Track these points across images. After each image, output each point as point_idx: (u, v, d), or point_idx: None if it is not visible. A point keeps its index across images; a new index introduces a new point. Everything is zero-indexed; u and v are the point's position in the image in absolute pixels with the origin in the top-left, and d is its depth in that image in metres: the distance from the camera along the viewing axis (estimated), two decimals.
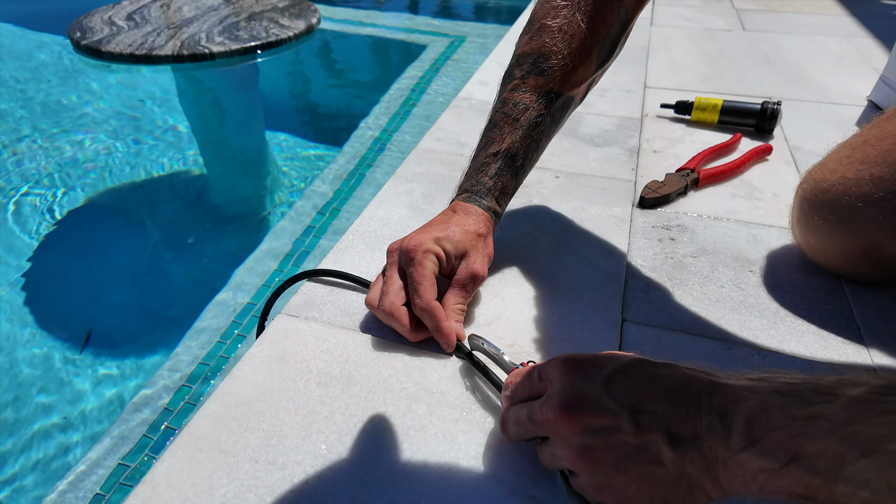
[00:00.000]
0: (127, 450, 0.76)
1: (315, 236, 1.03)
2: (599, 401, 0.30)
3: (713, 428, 0.27)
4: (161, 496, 0.36)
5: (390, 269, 0.48)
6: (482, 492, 0.36)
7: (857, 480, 0.22)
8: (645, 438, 0.29)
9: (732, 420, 0.26)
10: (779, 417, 0.25)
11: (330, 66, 2.03)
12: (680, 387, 0.29)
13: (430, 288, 0.45)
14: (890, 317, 0.51)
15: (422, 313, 0.45)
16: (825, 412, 0.23)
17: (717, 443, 0.26)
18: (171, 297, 1.06)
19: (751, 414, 0.25)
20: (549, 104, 0.50)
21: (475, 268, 0.47)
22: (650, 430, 0.29)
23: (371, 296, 0.48)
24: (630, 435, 0.29)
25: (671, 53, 1.17)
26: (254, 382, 0.44)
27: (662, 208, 0.67)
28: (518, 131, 0.50)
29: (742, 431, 0.25)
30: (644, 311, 0.52)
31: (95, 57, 1.78)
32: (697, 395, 0.28)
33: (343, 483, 0.37)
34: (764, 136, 0.82)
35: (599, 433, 0.30)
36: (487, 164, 0.50)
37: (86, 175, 1.33)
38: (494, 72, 1.07)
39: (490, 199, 0.50)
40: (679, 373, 0.30)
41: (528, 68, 0.50)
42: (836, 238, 0.51)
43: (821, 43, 1.21)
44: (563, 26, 0.49)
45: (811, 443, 0.23)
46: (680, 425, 0.28)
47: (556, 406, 0.32)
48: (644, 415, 0.29)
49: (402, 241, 0.47)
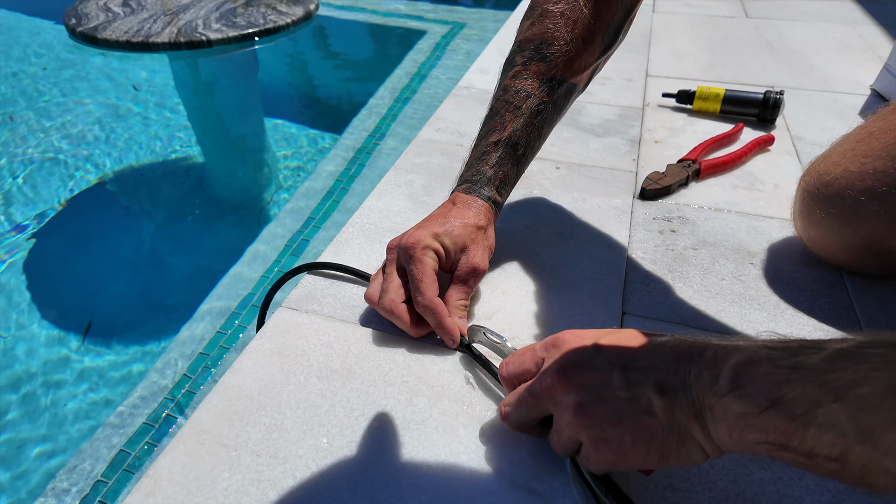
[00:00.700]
0: (128, 437, 0.77)
1: (315, 226, 1.03)
2: (591, 361, 0.32)
3: (701, 376, 0.28)
4: (164, 490, 0.36)
5: (390, 267, 0.47)
6: (483, 485, 0.37)
7: (827, 423, 0.23)
8: (635, 391, 0.30)
9: (721, 368, 0.27)
10: (765, 366, 0.25)
11: (329, 52, 2.01)
12: (671, 346, 0.30)
13: (431, 285, 0.45)
14: (891, 309, 0.51)
15: (424, 311, 0.45)
16: (808, 362, 0.24)
17: (704, 389, 0.27)
18: (170, 286, 1.06)
19: (738, 363, 0.26)
20: (551, 91, 0.49)
21: (475, 262, 0.47)
22: (640, 384, 0.30)
23: (371, 291, 0.48)
24: (621, 389, 0.30)
25: (673, 41, 1.15)
26: (255, 376, 0.44)
27: (663, 200, 0.66)
28: (519, 119, 0.49)
29: (728, 377, 0.26)
30: (644, 304, 0.52)
31: (91, 44, 1.77)
32: (688, 353, 0.29)
33: (344, 476, 0.37)
34: (766, 125, 0.82)
35: (592, 389, 0.31)
36: (488, 153, 0.50)
37: (84, 163, 1.32)
38: (494, 59, 1.06)
39: (491, 189, 0.50)
40: (671, 338, 0.31)
41: (530, 54, 0.49)
42: (837, 232, 0.51)
43: (824, 30, 1.20)
44: (566, 11, 0.48)
45: (790, 389, 0.24)
46: (669, 376, 0.29)
47: (551, 372, 0.33)
48: (634, 371, 0.30)
49: (401, 238, 0.47)
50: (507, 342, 0.42)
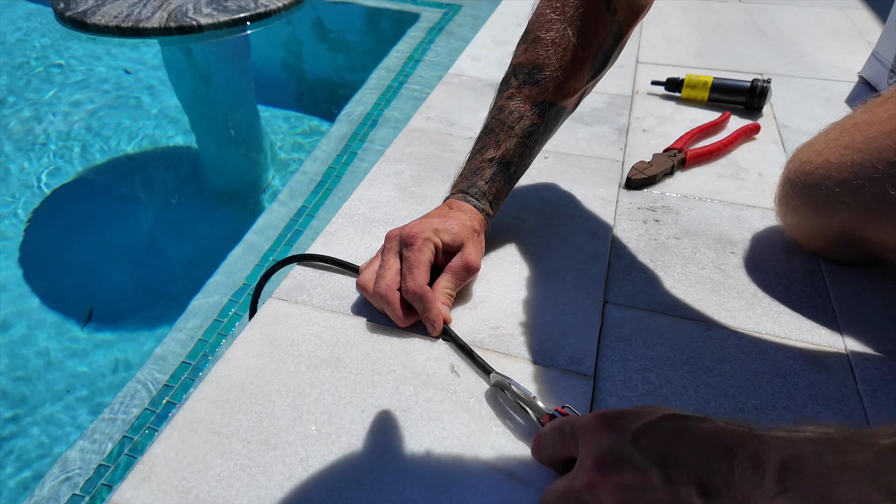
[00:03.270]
0: (129, 423, 0.78)
1: (308, 215, 1.03)
2: (628, 457, 0.30)
3: (745, 476, 0.26)
4: (158, 475, 0.38)
5: (387, 254, 0.49)
6: (465, 469, 0.38)
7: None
8: (677, 492, 0.29)
9: (766, 468, 0.26)
10: (812, 465, 0.24)
11: (321, 36, 1.99)
12: (711, 438, 0.29)
13: (423, 273, 0.46)
14: (864, 297, 0.53)
15: (412, 296, 0.46)
16: (857, 461, 0.24)
17: (750, 491, 0.26)
18: (169, 273, 1.07)
19: (784, 461, 0.25)
20: (542, 114, 0.52)
21: (470, 259, 0.49)
22: (681, 484, 0.28)
23: (364, 278, 0.49)
24: (662, 490, 0.29)
25: (665, 26, 1.15)
26: (246, 366, 0.45)
27: (648, 189, 0.67)
28: (513, 139, 0.52)
29: (775, 479, 0.25)
30: (626, 293, 0.53)
31: (80, 29, 1.75)
32: (729, 446, 0.28)
33: (332, 462, 0.39)
34: (753, 114, 0.82)
35: (632, 490, 0.30)
36: (482, 168, 0.52)
37: (76, 150, 1.32)
38: (486, 47, 1.06)
39: (484, 202, 0.52)
40: (711, 425, 0.30)
41: (524, 78, 0.52)
42: (812, 220, 0.52)
43: (816, 15, 1.20)
44: (556, 39, 0.51)
45: (844, 491, 0.23)
46: (712, 476, 0.28)
47: (588, 468, 0.32)
48: (674, 468, 0.29)
49: (402, 230, 0.49)
50: (536, 399, 0.41)
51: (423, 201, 0.64)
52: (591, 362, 0.46)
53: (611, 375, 0.45)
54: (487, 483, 0.38)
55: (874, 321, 0.50)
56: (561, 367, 0.45)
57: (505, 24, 1.17)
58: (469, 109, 0.85)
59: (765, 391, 0.44)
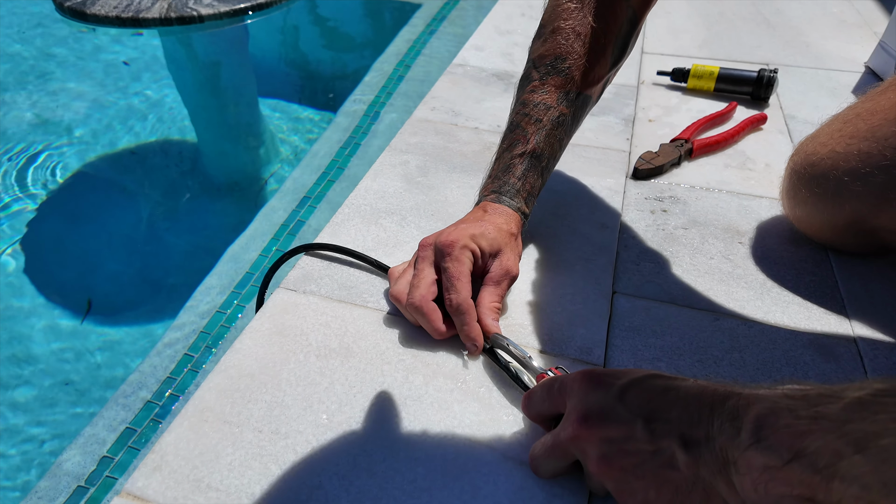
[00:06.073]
0: (133, 414, 0.78)
1: (311, 206, 1.03)
2: (614, 411, 0.31)
3: (723, 429, 0.27)
4: (170, 464, 0.38)
5: (421, 263, 0.46)
6: (476, 457, 0.38)
7: (850, 476, 0.23)
8: (659, 444, 0.30)
9: (742, 421, 0.27)
10: (786, 418, 0.25)
11: (322, 26, 1.98)
12: (694, 395, 0.30)
13: (466, 285, 0.44)
14: (873, 287, 0.53)
15: (455, 310, 0.44)
16: (827, 412, 0.24)
17: (727, 442, 0.27)
18: (169, 265, 1.07)
19: (760, 414, 0.26)
20: (569, 104, 0.51)
21: (509, 265, 0.47)
22: (664, 436, 0.30)
23: (398, 288, 0.47)
24: (644, 442, 0.30)
25: (670, 16, 1.14)
26: (255, 355, 0.45)
27: (655, 179, 0.67)
28: (542, 132, 0.50)
29: (750, 430, 0.26)
30: (634, 283, 0.53)
31: (79, 19, 1.73)
32: (710, 402, 0.29)
33: (344, 451, 0.39)
34: (760, 104, 0.82)
35: (616, 443, 0.31)
36: (514, 165, 0.50)
37: (75, 141, 1.32)
38: (490, 37, 1.05)
39: (519, 200, 0.50)
40: (694, 384, 0.31)
41: (546, 70, 0.51)
42: (822, 211, 0.52)
43: (822, 5, 1.19)
44: (576, 27, 0.50)
45: (812, 441, 0.24)
46: (692, 429, 0.29)
47: (574, 420, 0.33)
48: (657, 422, 0.30)
49: (438, 237, 0.47)
50: (531, 359, 0.41)
51: (430, 191, 0.64)
52: (600, 352, 0.46)
53: (620, 365, 0.45)
54: (499, 471, 0.38)
55: (883, 310, 0.50)
56: (570, 357, 0.45)
57: (508, 14, 1.16)
58: (474, 99, 0.84)
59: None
